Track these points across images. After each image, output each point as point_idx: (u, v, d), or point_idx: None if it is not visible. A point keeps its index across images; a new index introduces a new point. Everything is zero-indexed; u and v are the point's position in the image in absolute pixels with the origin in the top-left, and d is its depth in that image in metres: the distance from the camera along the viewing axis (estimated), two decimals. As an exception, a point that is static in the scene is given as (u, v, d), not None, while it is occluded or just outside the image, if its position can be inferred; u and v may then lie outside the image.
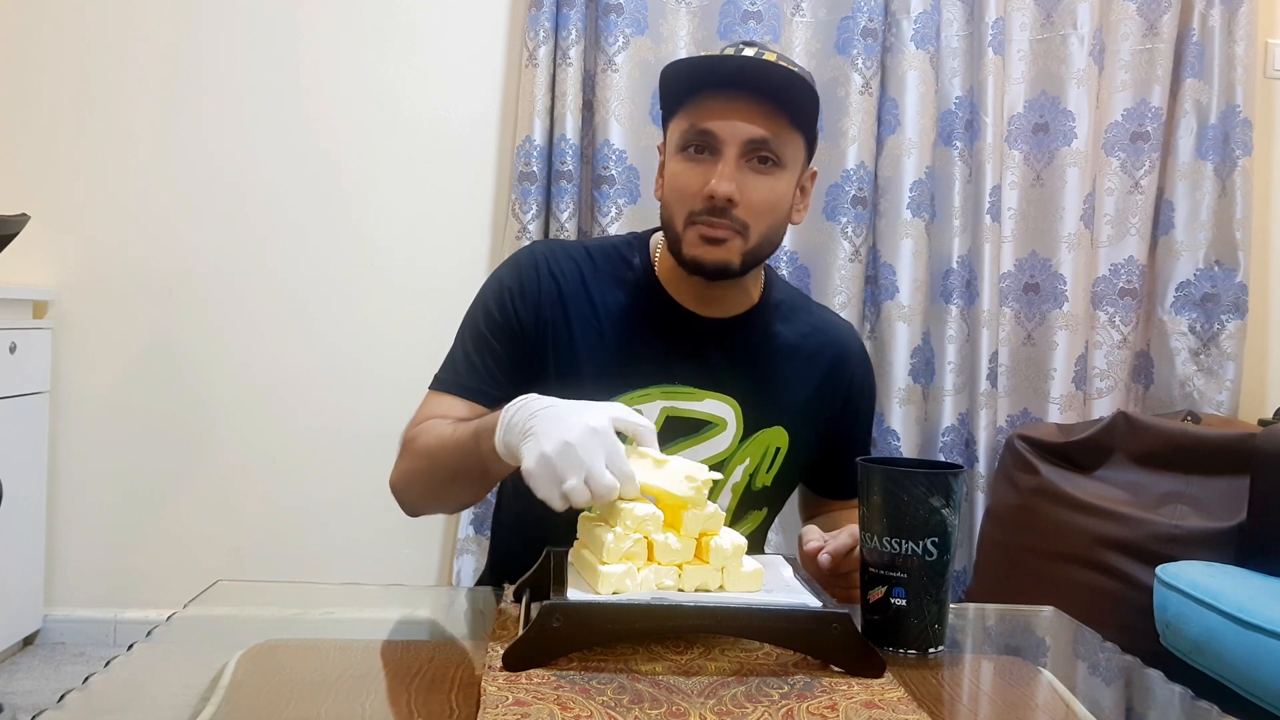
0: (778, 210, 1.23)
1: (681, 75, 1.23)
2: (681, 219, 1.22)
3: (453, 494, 1.24)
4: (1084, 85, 2.67)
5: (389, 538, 2.66)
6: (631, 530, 0.92)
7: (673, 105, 1.25)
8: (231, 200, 2.74)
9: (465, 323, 1.31)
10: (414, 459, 1.23)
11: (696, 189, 1.20)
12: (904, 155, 2.66)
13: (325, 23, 2.75)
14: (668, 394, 1.26)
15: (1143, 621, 2.05)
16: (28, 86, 2.72)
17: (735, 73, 1.20)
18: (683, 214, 1.21)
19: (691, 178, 1.20)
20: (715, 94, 1.20)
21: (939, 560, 0.95)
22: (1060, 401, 2.69)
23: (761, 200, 1.20)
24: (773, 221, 1.23)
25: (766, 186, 1.21)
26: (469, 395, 1.25)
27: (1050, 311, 2.71)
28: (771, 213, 1.22)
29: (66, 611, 2.74)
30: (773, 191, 1.21)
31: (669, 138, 1.26)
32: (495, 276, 1.32)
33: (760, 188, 1.20)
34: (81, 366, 2.73)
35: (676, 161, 1.23)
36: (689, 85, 1.22)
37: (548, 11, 2.59)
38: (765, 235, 1.23)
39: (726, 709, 0.80)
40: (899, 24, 2.66)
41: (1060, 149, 2.69)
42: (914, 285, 2.69)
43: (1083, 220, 2.69)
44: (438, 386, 1.28)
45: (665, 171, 1.27)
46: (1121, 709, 0.97)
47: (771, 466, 1.31)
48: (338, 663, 0.92)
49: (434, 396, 1.28)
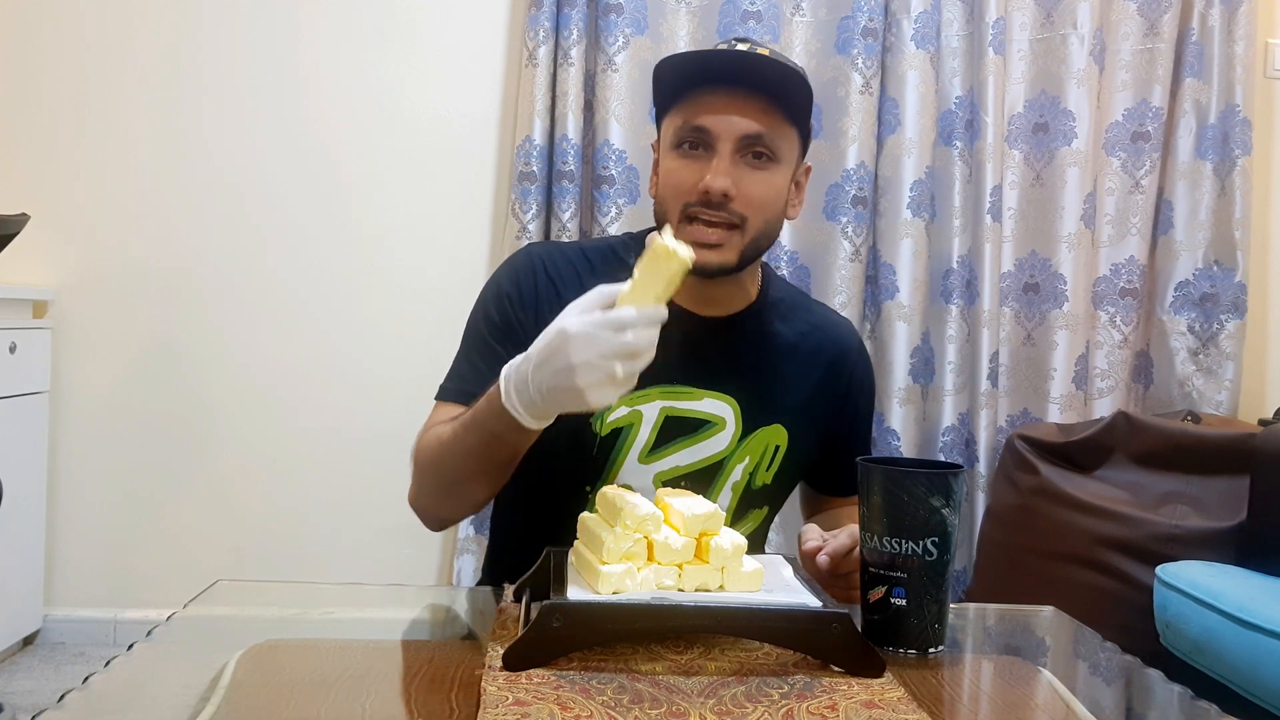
0: (774, 205, 1.23)
1: (675, 71, 1.23)
2: (677, 214, 1.21)
3: (469, 489, 1.21)
4: (1084, 85, 2.67)
5: (389, 537, 2.66)
6: (631, 530, 0.92)
7: (666, 102, 1.25)
8: (232, 200, 2.74)
9: (467, 330, 1.31)
10: (424, 468, 1.23)
11: (691, 184, 1.19)
12: (904, 155, 2.66)
13: (325, 23, 2.75)
14: (666, 394, 1.26)
15: (1143, 621, 2.05)
16: (28, 86, 2.72)
17: (729, 68, 1.20)
18: (678, 209, 1.21)
19: (686, 174, 1.20)
20: (709, 90, 1.20)
21: (939, 560, 0.95)
22: (1060, 401, 2.69)
23: (758, 195, 1.20)
24: (769, 216, 1.23)
25: (762, 181, 1.21)
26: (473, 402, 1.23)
27: (1050, 311, 2.71)
28: (768, 207, 1.22)
29: (66, 611, 2.74)
30: (769, 186, 1.21)
31: (663, 134, 1.26)
32: (493, 281, 1.31)
33: (756, 183, 1.20)
34: (81, 366, 2.73)
35: (671, 158, 1.23)
36: (682, 82, 1.22)
37: (548, 11, 2.59)
38: (763, 230, 1.23)
39: (726, 709, 0.80)
40: (899, 23, 2.66)
41: (1060, 149, 2.69)
42: (914, 285, 2.68)
43: (1083, 220, 2.68)
44: (444, 396, 1.28)
45: (659, 168, 1.27)
46: (1122, 709, 0.97)
47: (771, 465, 1.31)
48: (338, 663, 0.92)
49: (441, 407, 1.27)
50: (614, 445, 1.25)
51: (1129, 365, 2.75)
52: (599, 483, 1.26)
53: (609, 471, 1.26)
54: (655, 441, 1.26)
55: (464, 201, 2.77)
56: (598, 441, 1.25)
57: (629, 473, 1.26)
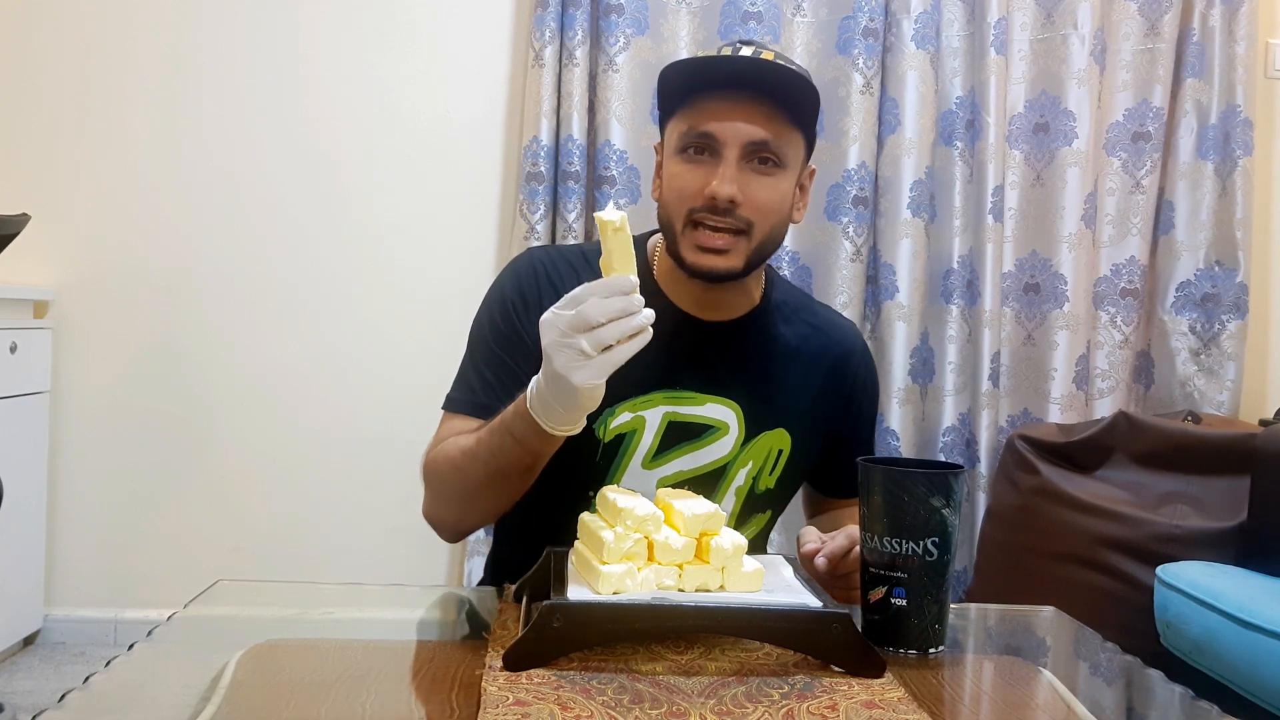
0: (780, 210, 1.23)
1: (680, 76, 1.22)
2: (681, 220, 1.21)
3: (490, 498, 1.20)
4: (1085, 85, 2.67)
5: (394, 538, 2.66)
6: (632, 530, 0.92)
7: (671, 106, 1.25)
8: (233, 200, 2.74)
9: (472, 339, 1.30)
10: (441, 478, 1.22)
11: (696, 190, 1.19)
12: (904, 155, 2.66)
13: (329, 23, 2.74)
14: (670, 399, 1.26)
15: (1143, 622, 2.05)
16: (28, 86, 2.72)
17: (735, 73, 1.19)
18: (682, 214, 1.20)
19: (691, 179, 1.20)
20: (714, 95, 1.19)
21: (939, 560, 0.95)
22: (1061, 401, 2.69)
23: (764, 201, 1.20)
24: (775, 221, 1.23)
25: (768, 187, 1.20)
26: (484, 414, 1.21)
27: (1051, 311, 2.70)
28: (774, 213, 1.22)
29: (67, 611, 2.74)
30: (775, 191, 1.21)
31: (667, 139, 1.26)
32: (496, 287, 1.31)
33: (762, 188, 1.19)
34: (82, 366, 2.73)
35: (676, 163, 1.22)
36: (688, 86, 1.22)
37: (553, 12, 2.59)
38: (769, 235, 1.22)
39: (727, 709, 0.80)
40: (899, 24, 2.66)
41: (1061, 149, 2.69)
42: (913, 285, 2.68)
43: (1084, 220, 2.68)
44: (452, 407, 1.27)
45: (664, 173, 1.26)
46: (1122, 709, 0.97)
47: (774, 469, 1.30)
48: (338, 663, 0.92)
49: (449, 419, 1.26)
50: (618, 451, 1.25)
51: (1130, 365, 2.74)
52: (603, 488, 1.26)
53: (613, 477, 1.25)
54: (659, 447, 1.26)
55: (470, 202, 2.76)
56: (601, 447, 1.25)
57: (632, 478, 1.25)
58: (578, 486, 1.24)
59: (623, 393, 1.23)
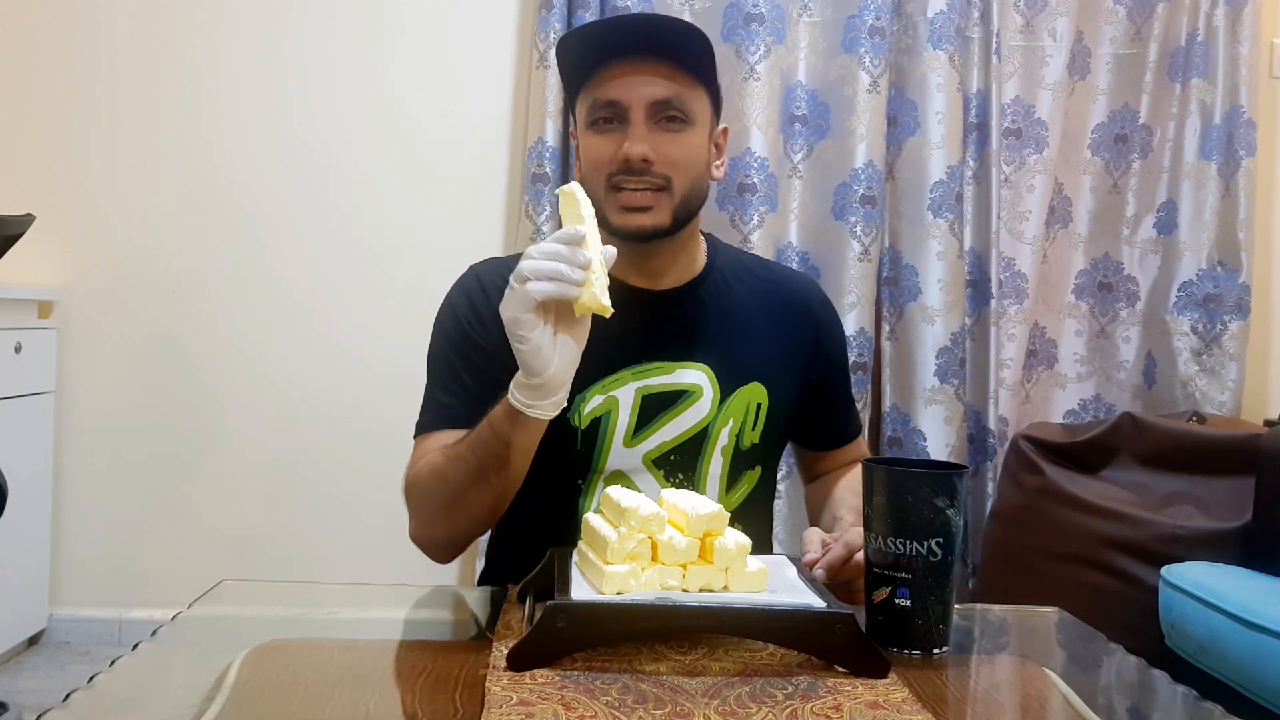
0: (695, 165, 1.26)
1: (575, 51, 1.26)
2: (603, 186, 1.23)
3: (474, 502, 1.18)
4: (1059, 95, 2.72)
5: (397, 537, 2.65)
6: (635, 530, 0.92)
7: (575, 84, 1.28)
8: (237, 201, 2.75)
9: (431, 361, 1.31)
10: (424, 490, 1.22)
11: (611, 155, 1.22)
12: (925, 155, 2.64)
13: (335, 25, 2.75)
14: (638, 373, 1.27)
15: (1148, 622, 2.05)
16: (33, 87, 2.73)
17: (627, 40, 1.23)
18: (602, 181, 1.23)
19: (605, 147, 1.23)
20: (613, 63, 1.23)
21: (943, 560, 0.95)
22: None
23: (677, 156, 1.23)
24: (693, 176, 1.26)
25: (679, 143, 1.23)
26: (458, 424, 1.21)
27: (1058, 310, 2.71)
28: (690, 168, 1.25)
29: (71, 611, 2.74)
30: (686, 147, 1.24)
31: (578, 118, 1.29)
32: (445, 307, 1.32)
33: (673, 144, 1.23)
34: (86, 366, 2.73)
35: (588, 136, 1.25)
36: (585, 61, 1.25)
37: (558, 13, 2.59)
38: (690, 189, 1.25)
39: (731, 709, 0.80)
40: (916, 25, 2.65)
41: (1061, 150, 2.70)
42: (936, 286, 2.66)
43: (1089, 220, 2.69)
44: (423, 429, 1.27)
45: (579, 151, 1.29)
46: (1126, 710, 0.97)
47: (756, 423, 1.31)
48: (342, 663, 0.92)
49: (422, 440, 1.27)
50: (596, 435, 1.25)
51: (1135, 366, 2.75)
52: (590, 475, 1.26)
53: (597, 461, 1.26)
54: (637, 423, 1.26)
55: (475, 204, 2.76)
56: (579, 435, 1.25)
57: (617, 458, 1.26)
58: (564, 478, 1.25)
59: (590, 376, 1.23)
